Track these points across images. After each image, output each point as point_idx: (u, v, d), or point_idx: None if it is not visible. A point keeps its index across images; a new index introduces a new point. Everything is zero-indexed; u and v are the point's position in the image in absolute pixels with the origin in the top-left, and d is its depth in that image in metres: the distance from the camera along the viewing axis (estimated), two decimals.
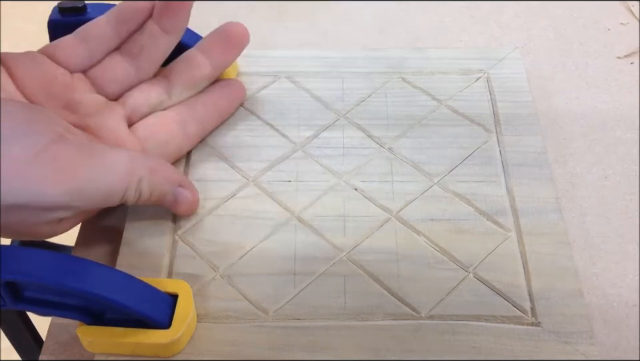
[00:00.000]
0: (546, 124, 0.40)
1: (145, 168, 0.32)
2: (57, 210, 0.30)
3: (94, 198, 0.31)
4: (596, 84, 0.43)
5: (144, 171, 0.32)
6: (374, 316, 0.32)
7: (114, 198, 0.32)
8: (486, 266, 0.33)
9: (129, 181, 0.31)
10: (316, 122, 0.39)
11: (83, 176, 0.30)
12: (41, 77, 0.34)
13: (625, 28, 0.46)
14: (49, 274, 0.27)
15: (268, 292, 0.32)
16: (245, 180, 0.37)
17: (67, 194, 0.29)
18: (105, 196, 0.31)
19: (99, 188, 0.31)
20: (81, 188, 0.30)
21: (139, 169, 0.32)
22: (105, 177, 0.31)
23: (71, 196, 0.30)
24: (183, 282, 0.31)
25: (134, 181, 0.32)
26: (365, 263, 0.33)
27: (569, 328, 0.31)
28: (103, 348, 0.30)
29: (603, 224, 0.36)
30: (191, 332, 0.31)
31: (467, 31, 0.47)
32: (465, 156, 0.38)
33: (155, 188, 0.33)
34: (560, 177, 0.38)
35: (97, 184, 0.30)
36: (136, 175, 0.32)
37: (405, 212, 0.35)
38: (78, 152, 0.30)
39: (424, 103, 0.40)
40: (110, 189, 0.31)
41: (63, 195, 0.29)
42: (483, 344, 0.31)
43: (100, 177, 0.31)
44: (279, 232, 0.35)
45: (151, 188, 0.33)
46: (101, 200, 0.31)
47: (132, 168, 0.32)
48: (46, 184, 0.29)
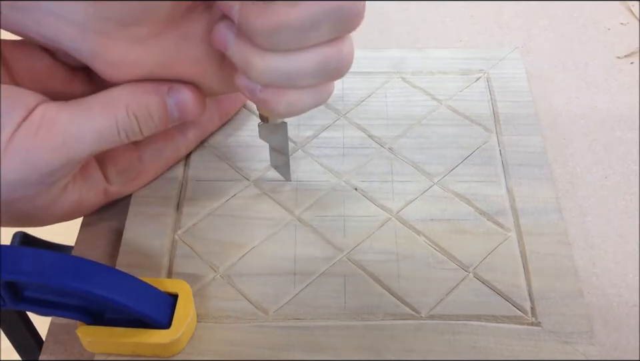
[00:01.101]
0: (546, 124, 0.40)
1: (124, 92, 0.30)
2: (53, 174, 0.30)
3: (84, 143, 0.29)
4: (596, 84, 0.43)
5: (125, 95, 0.30)
6: (374, 316, 0.32)
7: (109, 136, 0.30)
8: (486, 266, 0.33)
9: (113, 113, 0.30)
10: (316, 122, 0.39)
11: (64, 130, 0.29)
12: (39, 71, 0.33)
13: (625, 28, 0.46)
14: (49, 274, 0.27)
15: (268, 292, 0.32)
16: (245, 180, 0.37)
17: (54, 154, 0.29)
18: (96, 138, 0.30)
19: (84, 134, 0.29)
20: (66, 142, 0.29)
21: (119, 96, 0.30)
22: (86, 120, 0.29)
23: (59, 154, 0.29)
24: (182, 282, 0.31)
25: (120, 109, 0.30)
26: (365, 263, 0.33)
27: (568, 328, 0.31)
28: (103, 348, 0.30)
29: (603, 224, 0.36)
30: (190, 332, 0.31)
31: (467, 31, 0.47)
32: (465, 156, 0.38)
33: (148, 105, 0.31)
34: (560, 177, 0.38)
35: (82, 130, 0.29)
36: (120, 102, 0.30)
37: (405, 212, 0.35)
38: (54, 110, 0.29)
39: (424, 103, 0.40)
40: (97, 129, 0.30)
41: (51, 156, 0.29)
42: (483, 344, 0.31)
43: (81, 122, 0.29)
44: (279, 232, 0.35)
45: (144, 107, 0.31)
46: (95, 143, 0.30)
47: (110, 99, 0.30)
48: (32, 151, 0.28)
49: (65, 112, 0.29)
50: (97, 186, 0.34)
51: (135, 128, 0.31)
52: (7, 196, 0.29)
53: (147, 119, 0.31)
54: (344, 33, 0.28)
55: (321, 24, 0.27)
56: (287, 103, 0.30)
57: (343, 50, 0.29)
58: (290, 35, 0.27)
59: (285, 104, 0.30)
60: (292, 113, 0.31)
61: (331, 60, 0.28)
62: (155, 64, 0.30)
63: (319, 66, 0.28)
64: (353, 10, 0.27)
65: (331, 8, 0.27)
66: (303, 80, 0.29)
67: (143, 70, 0.30)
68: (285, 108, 0.30)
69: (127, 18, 0.28)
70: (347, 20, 0.27)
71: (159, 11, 0.28)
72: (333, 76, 0.30)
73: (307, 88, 0.30)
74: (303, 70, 0.28)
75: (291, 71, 0.28)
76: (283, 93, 0.30)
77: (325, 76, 0.29)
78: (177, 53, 0.30)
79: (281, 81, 0.29)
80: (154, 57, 0.29)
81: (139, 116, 0.31)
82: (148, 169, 0.36)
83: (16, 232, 0.47)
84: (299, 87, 0.29)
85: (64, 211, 0.33)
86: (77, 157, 0.30)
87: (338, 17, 0.27)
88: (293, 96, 0.30)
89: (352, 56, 0.29)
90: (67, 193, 0.32)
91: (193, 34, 0.29)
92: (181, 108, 0.32)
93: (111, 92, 0.30)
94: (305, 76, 0.29)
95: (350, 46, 0.29)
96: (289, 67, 0.28)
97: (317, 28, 0.27)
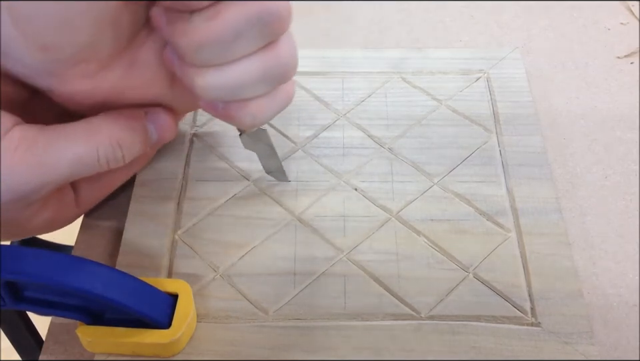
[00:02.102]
0: (546, 124, 0.40)
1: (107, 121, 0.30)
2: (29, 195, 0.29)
3: (63, 170, 0.29)
4: (596, 84, 0.43)
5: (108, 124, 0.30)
6: (374, 316, 0.32)
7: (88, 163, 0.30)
8: (486, 266, 0.33)
9: (95, 140, 0.30)
10: (316, 122, 0.39)
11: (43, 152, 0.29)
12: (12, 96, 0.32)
13: (625, 28, 0.46)
14: (49, 274, 0.27)
15: (268, 292, 0.32)
16: (245, 180, 0.37)
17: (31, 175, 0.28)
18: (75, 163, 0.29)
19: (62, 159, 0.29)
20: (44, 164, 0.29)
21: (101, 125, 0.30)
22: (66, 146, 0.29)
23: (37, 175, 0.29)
24: (183, 282, 0.31)
25: (104, 138, 0.30)
26: (365, 263, 0.33)
27: (568, 328, 0.31)
28: (103, 348, 0.30)
29: (603, 224, 0.36)
30: (190, 332, 0.31)
31: (467, 31, 0.47)
32: (465, 156, 0.38)
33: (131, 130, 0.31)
34: (560, 177, 0.38)
35: (61, 154, 0.29)
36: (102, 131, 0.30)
37: (405, 212, 0.35)
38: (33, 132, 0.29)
39: (424, 103, 0.40)
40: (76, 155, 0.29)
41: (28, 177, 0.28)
42: (482, 344, 0.31)
43: (60, 147, 0.29)
44: (279, 232, 0.35)
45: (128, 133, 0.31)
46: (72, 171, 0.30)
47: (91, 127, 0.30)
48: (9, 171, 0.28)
49: (45, 135, 0.29)
50: (68, 198, 0.33)
51: (119, 155, 0.31)
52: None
53: (130, 146, 0.31)
54: (273, 38, 0.28)
55: (244, 33, 0.27)
56: (250, 115, 0.30)
57: (281, 54, 0.28)
58: (216, 49, 0.27)
59: (249, 116, 0.30)
60: (258, 123, 0.31)
61: (270, 66, 0.28)
62: (109, 93, 0.30)
63: (261, 74, 0.28)
64: (276, 15, 0.27)
65: (251, 17, 0.26)
66: (249, 90, 0.29)
67: (98, 99, 0.30)
68: (250, 120, 0.30)
69: (73, 58, 0.28)
70: (271, 26, 0.27)
71: (103, 46, 0.28)
72: (280, 80, 0.29)
73: (264, 97, 0.30)
74: (245, 81, 0.28)
75: (233, 84, 0.28)
76: (243, 106, 0.30)
77: (270, 82, 0.29)
78: (129, 80, 0.30)
79: (226, 95, 0.29)
80: (107, 87, 0.30)
81: (123, 143, 0.31)
82: (116, 173, 0.35)
83: None
84: (248, 98, 0.29)
85: (37, 228, 0.32)
86: (54, 180, 0.30)
87: (261, 24, 0.27)
88: (254, 107, 0.30)
89: (293, 57, 0.29)
90: (39, 213, 0.32)
91: (140, 60, 0.30)
92: (159, 130, 0.32)
93: (92, 122, 0.30)
94: (249, 86, 0.28)
95: (288, 49, 0.29)
96: (230, 80, 0.28)
97: (242, 38, 0.27)
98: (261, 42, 0.28)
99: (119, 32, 0.28)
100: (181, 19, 0.27)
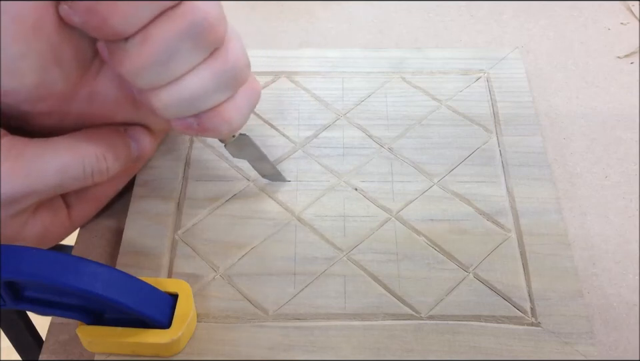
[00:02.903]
0: (546, 124, 0.40)
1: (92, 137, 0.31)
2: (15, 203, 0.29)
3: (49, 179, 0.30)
4: (596, 84, 0.43)
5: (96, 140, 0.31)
6: (374, 316, 0.32)
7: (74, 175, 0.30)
8: (486, 266, 0.33)
9: (82, 153, 0.30)
10: (316, 122, 0.39)
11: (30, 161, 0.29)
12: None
13: (625, 28, 0.46)
14: (48, 274, 0.27)
15: (268, 292, 0.32)
16: (245, 180, 0.37)
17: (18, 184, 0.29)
18: (60, 173, 0.30)
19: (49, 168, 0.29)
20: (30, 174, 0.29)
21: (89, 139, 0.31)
22: (52, 156, 0.30)
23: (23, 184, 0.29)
24: (183, 282, 0.31)
25: (90, 152, 0.31)
26: (365, 263, 0.33)
27: (568, 328, 0.31)
28: (102, 348, 0.30)
29: (603, 224, 0.36)
30: (190, 332, 0.31)
31: (466, 31, 0.47)
32: (465, 156, 0.38)
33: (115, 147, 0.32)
34: (560, 177, 0.38)
35: (47, 163, 0.30)
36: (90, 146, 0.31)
37: (405, 212, 0.35)
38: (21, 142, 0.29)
39: (424, 103, 0.40)
40: (62, 165, 0.30)
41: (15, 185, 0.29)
42: (483, 344, 0.31)
43: (47, 156, 0.30)
44: (279, 232, 0.35)
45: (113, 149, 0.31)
46: (58, 181, 0.30)
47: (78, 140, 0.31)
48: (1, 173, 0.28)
49: (32, 145, 0.30)
50: (60, 212, 0.34)
51: (103, 168, 0.31)
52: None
53: (114, 159, 0.32)
54: (213, 46, 0.28)
55: (180, 49, 0.27)
56: (224, 122, 0.30)
57: (228, 58, 0.28)
58: (157, 70, 0.27)
59: (224, 124, 0.30)
60: (235, 128, 0.31)
61: (220, 72, 0.28)
62: (76, 123, 0.31)
63: (214, 82, 0.28)
64: (205, 25, 0.27)
65: (181, 32, 0.26)
66: (209, 100, 0.29)
67: (67, 128, 0.31)
68: (226, 128, 0.30)
69: (30, 98, 0.28)
70: (205, 36, 0.27)
71: (55, 84, 0.28)
72: (236, 84, 0.29)
73: (230, 101, 0.30)
74: (200, 93, 0.28)
75: (189, 97, 0.28)
76: (214, 116, 0.30)
77: (227, 87, 0.29)
78: (92, 109, 0.30)
79: (187, 109, 0.29)
80: (74, 120, 0.30)
81: (107, 156, 0.31)
82: (107, 188, 0.35)
83: None
84: (212, 106, 0.29)
85: (28, 241, 0.32)
86: (41, 189, 0.30)
87: (194, 37, 0.27)
88: (225, 113, 0.30)
89: (241, 59, 0.29)
90: (29, 226, 0.32)
91: (99, 90, 0.30)
92: (140, 147, 0.33)
93: (77, 136, 0.31)
94: (206, 96, 0.29)
95: (234, 51, 0.28)
96: (184, 95, 0.28)
97: (179, 54, 0.27)
98: (202, 52, 0.28)
99: (66, 68, 0.28)
100: (117, 48, 0.27)
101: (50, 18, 0.26)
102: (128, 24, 0.26)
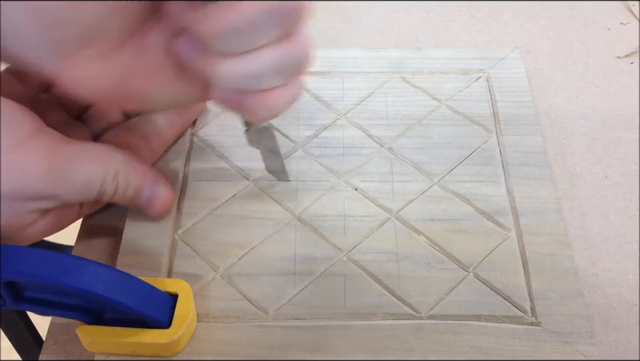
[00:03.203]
0: (546, 124, 0.40)
1: (121, 160, 0.32)
2: (39, 200, 0.30)
3: (73, 186, 0.31)
4: (596, 84, 0.43)
5: (120, 163, 0.32)
6: (374, 316, 0.32)
7: (92, 189, 0.32)
8: (486, 266, 0.33)
9: (106, 171, 0.32)
10: (316, 122, 0.39)
11: (63, 163, 0.30)
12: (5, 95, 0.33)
13: (625, 28, 0.46)
14: (48, 274, 0.27)
15: (268, 292, 0.32)
16: (245, 180, 0.37)
17: (48, 180, 0.30)
18: (84, 185, 0.31)
19: (78, 176, 0.31)
20: (61, 175, 0.30)
21: (115, 160, 0.32)
22: (83, 165, 0.31)
23: (51, 183, 0.30)
24: (183, 282, 0.31)
25: (111, 172, 0.32)
26: (365, 263, 0.33)
27: (568, 328, 0.31)
28: (102, 348, 0.30)
29: (603, 224, 0.36)
30: (190, 332, 0.31)
31: (466, 31, 0.47)
32: (465, 156, 0.38)
33: (131, 181, 0.33)
34: (560, 177, 0.38)
35: (76, 172, 0.31)
36: (113, 166, 0.32)
37: (405, 212, 0.35)
38: (58, 142, 0.31)
39: (424, 103, 0.40)
40: (88, 178, 0.31)
41: (44, 181, 0.30)
42: (483, 344, 0.31)
43: (79, 165, 0.31)
44: (279, 232, 0.35)
45: (127, 181, 0.33)
46: (79, 190, 0.31)
47: (109, 158, 0.32)
48: (29, 170, 0.29)
49: (69, 150, 0.31)
50: (72, 206, 0.34)
51: (110, 193, 0.33)
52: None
53: (122, 192, 0.33)
54: (290, 29, 0.28)
55: (265, 23, 0.27)
56: (266, 107, 0.30)
57: (299, 45, 0.29)
58: (238, 38, 0.27)
59: (265, 108, 0.30)
60: (273, 115, 0.31)
61: (288, 56, 0.28)
62: (113, 79, 0.30)
63: (279, 64, 0.28)
64: (294, 7, 0.27)
65: (270, 6, 0.27)
66: (266, 80, 0.29)
67: (102, 85, 0.30)
68: (265, 112, 0.30)
69: (79, 40, 0.28)
70: (290, 17, 0.27)
71: (111, 31, 0.28)
72: (296, 72, 0.30)
73: (279, 88, 0.30)
74: (264, 71, 0.28)
75: (252, 73, 0.28)
76: (259, 97, 0.30)
77: (287, 73, 0.29)
78: (134, 67, 0.30)
79: (244, 84, 0.29)
80: (111, 72, 0.30)
81: (119, 186, 0.33)
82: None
83: None
84: (264, 89, 0.29)
85: (39, 233, 0.33)
86: (61, 197, 0.31)
87: (280, 15, 0.27)
88: (270, 98, 0.30)
89: (309, 50, 0.29)
90: (40, 222, 0.32)
91: (147, 48, 0.30)
92: (151, 199, 0.34)
93: (110, 152, 0.33)
94: (267, 76, 0.29)
95: (305, 42, 0.29)
96: (249, 69, 0.28)
97: (262, 28, 0.27)
98: (279, 32, 0.28)
99: (126, 15, 0.28)
100: (202, 7, 0.27)
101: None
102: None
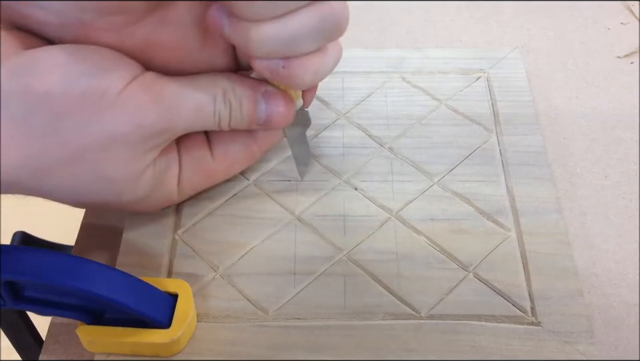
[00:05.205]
0: (546, 124, 0.40)
1: (226, 79, 0.32)
2: (153, 136, 0.30)
3: (186, 115, 0.30)
4: (596, 84, 0.43)
5: (226, 82, 0.31)
6: (374, 315, 0.32)
7: (206, 114, 0.31)
8: (486, 265, 0.33)
9: (214, 92, 0.31)
10: (316, 122, 0.39)
11: (170, 95, 0.30)
12: None
13: (625, 28, 0.46)
14: (48, 274, 0.27)
15: (268, 291, 0.32)
16: (245, 180, 0.37)
17: (159, 114, 0.29)
18: (196, 110, 0.31)
19: (187, 104, 0.30)
20: (171, 105, 0.30)
21: (220, 81, 0.31)
22: (189, 92, 0.30)
23: (163, 116, 0.29)
24: (183, 282, 0.31)
25: (219, 92, 0.31)
26: (365, 263, 0.33)
27: (568, 328, 0.31)
28: (102, 348, 0.30)
29: (602, 224, 0.36)
30: (190, 332, 0.31)
31: (466, 31, 0.47)
32: (465, 156, 0.38)
33: (242, 96, 0.32)
34: (560, 177, 0.38)
35: (185, 99, 0.30)
36: (219, 86, 0.31)
37: (405, 211, 0.35)
38: (160, 78, 0.30)
39: (424, 103, 0.40)
40: (199, 102, 0.30)
41: (155, 115, 0.29)
42: (483, 344, 0.31)
43: (186, 93, 0.30)
44: (279, 232, 0.35)
45: (239, 97, 0.32)
46: (193, 117, 0.31)
47: (213, 80, 0.31)
48: (140, 107, 0.29)
49: (172, 81, 0.30)
50: (172, 169, 0.33)
51: (225, 116, 0.32)
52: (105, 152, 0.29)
53: (236, 110, 0.32)
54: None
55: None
56: (311, 72, 0.30)
57: (334, 6, 0.29)
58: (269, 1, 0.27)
59: (310, 73, 0.30)
60: (317, 80, 0.31)
61: (325, 17, 0.28)
62: (135, 50, 0.30)
63: (316, 26, 0.28)
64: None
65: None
66: (304, 44, 0.29)
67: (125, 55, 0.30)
68: (310, 77, 0.30)
69: (104, 8, 0.28)
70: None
71: (135, 1, 0.28)
72: (333, 34, 0.30)
73: (320, 52, 0.30)
74: (301, 34, 0.28)
75: (289, 36, 0.28)
76: (304, 63, 0.30)
77: (324, 35, 0.29)
78: (157, 38, 0.30)
79: (282, 49, 0.29)
80: (134, 43, 0.30)
81: (232, 104, 0.31)
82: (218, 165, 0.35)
83: (16, 232, 0.47)
84: (302, 53, 0.29)
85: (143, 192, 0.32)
86: (176, 127, 0.30)
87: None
88: (313, 63, 0.30)
89: (346, 10, 0.29)
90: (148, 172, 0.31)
91: (170, 19, 0.30)
92: (269, 113, 0.32)
93: (213, 75, 0.31)
94: (304, 39, 0.29)
95: (340, 2, 0.29)
96: (286, 33, 0.28)
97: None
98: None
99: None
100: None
101: None
102: None
